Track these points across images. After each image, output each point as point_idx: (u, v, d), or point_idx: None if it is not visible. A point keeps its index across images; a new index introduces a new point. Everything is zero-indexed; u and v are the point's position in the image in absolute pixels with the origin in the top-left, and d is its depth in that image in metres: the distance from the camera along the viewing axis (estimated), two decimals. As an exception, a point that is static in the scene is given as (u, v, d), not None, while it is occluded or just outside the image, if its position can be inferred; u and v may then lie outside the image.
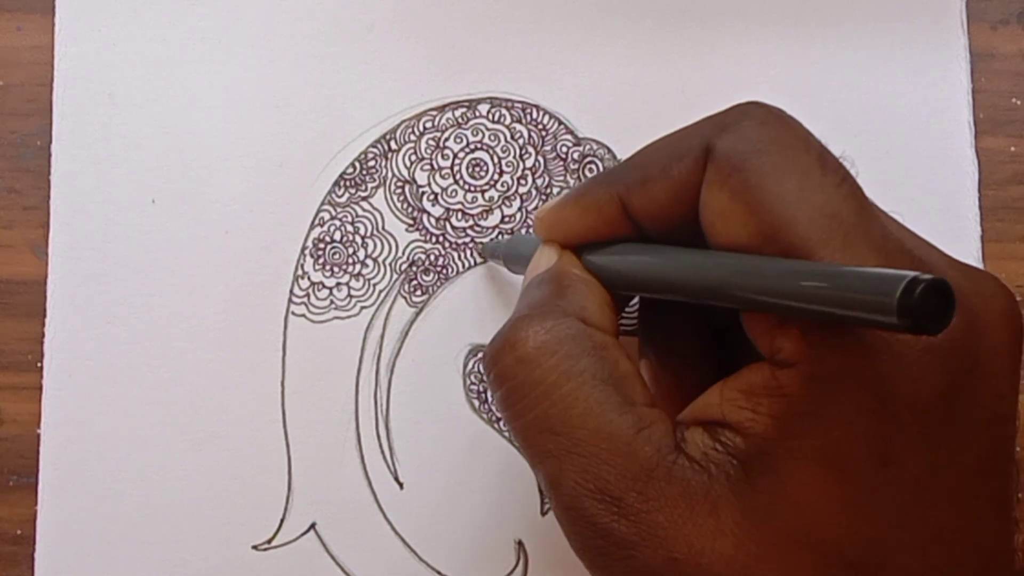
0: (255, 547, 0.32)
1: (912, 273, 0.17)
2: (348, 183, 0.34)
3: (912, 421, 0.20)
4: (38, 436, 0.32)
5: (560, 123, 0.34)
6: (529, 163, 0.34)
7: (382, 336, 0.33)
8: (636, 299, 0.28)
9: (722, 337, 0.27)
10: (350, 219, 0.34)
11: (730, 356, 0.27)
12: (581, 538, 0.22)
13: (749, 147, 0.22)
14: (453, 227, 0.34)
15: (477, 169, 0.34)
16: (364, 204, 0.34)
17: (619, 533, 0.21)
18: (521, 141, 0.34)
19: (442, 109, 0.34)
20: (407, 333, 0.33)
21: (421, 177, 0.34)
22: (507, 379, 0.23)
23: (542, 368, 0.23)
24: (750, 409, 0.21)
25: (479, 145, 0.34)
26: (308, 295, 0.33)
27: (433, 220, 0.34)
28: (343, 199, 0.34)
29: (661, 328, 0.27)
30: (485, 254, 0.34)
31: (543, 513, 0.33)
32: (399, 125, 0.34)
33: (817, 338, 0.20)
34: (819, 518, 0.20)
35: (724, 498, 0.21)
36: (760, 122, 0.22)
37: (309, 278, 0.33)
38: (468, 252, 0.34)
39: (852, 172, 0.22)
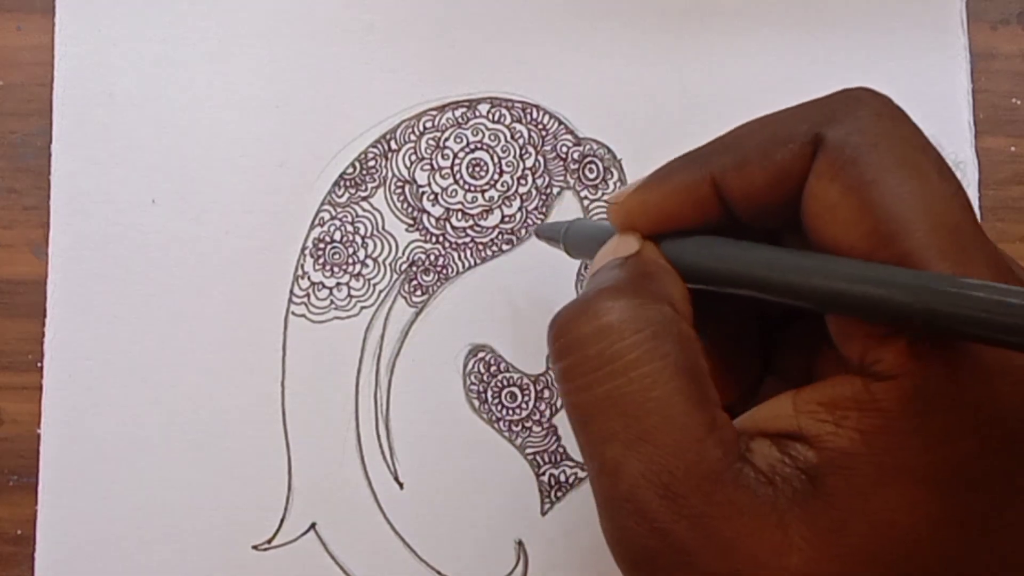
0: (255, 547, 0.32)
1: None
2: (348, 183, 0.34)
3: (1007, 447, 0.19)
4: (38, 436, 0.32)
5: (560, 123, 0.34)
6: (529, 163, 0.34)
7: (382, 336, 0.33)
8: None
9: (769, 334, 0.26)
10: (350, 219, 0.34)
11: (772, 352, 0.26)
12: (631, 536, 0.21)
13: (865, 140, 0.20)
14: (453, 227, 0.34)
15: (477, 169, 0.34)
16: (364, 204, 0.34)
17: (677, 535, 0.20)
18: (521, 141, 0.34)
19: (442, 109, 0.34)
20: (407, 333, 0.33)
21: (421, 177, 0.34)
22: (580, 348, 0.21)
23: (625, 342, 0.21)
24: (832, 423, 0.20)
25: (479, 145, 0.34)
26: (308, 295, 0.33)
27: (433, 220, 0.34)
28: (343, 199, 0.34)
29: (713, 317, 0.25)
30: (542, 234, 0.32)
31: (543, 513, 0.33)
32: (399, 125, 0.34)
33: (924, 352, 0.19)
34: (901, 537, 0.19)
35: (791, 513, 0.20)
36: (876, 113, 0.21)
37: (309, 278, 0.33)
38: (468, 252, 0.34)
39: (964, 182, 0.21)
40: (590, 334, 0.21)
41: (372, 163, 0.34)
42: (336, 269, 0.33)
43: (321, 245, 0.34)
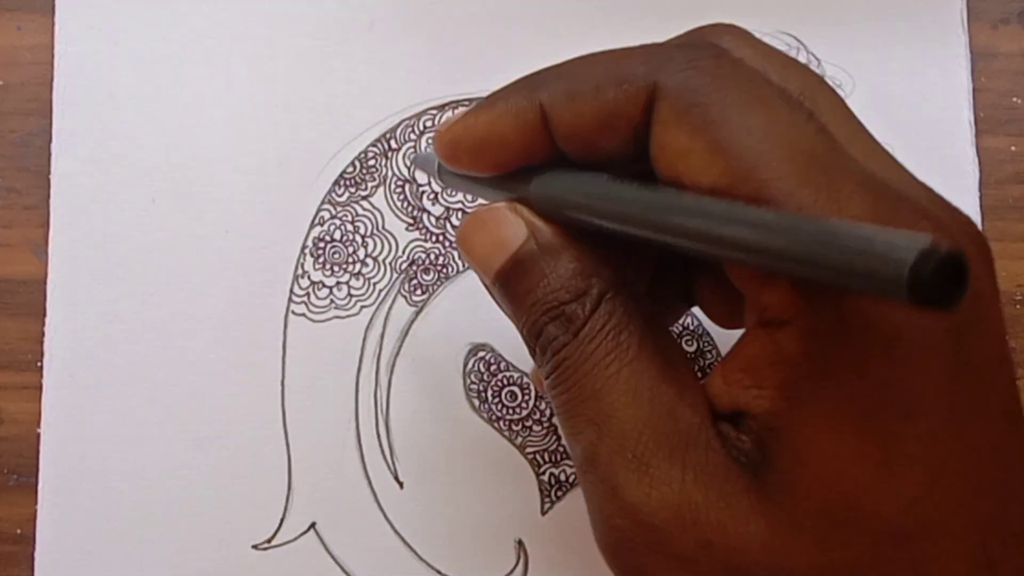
0: (255, 547, 0.32)
1: (923, 240, 0.15)
2: (348, 182, 0.34)
3: (925, 363, 0.18)
4: (38, 436, 0.32)
5: (560, 123, 0.34)
6: (529, 163, 0.34)
7: (382, 335, 0.33)
8: None
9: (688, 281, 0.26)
10: (350, 218, 0.34)
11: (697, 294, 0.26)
12: (607, 520, 0.20)
13: (705, 80, 0.20)
14: (453, 226, 0.34)
15: (477, 169, 0.34)
16: (364, 203, 0.34)
17: (648, 509, 0.19)
18: (521, 141, 0.34)
19: (442, 108, 0.34)
20: (407, 332, 0.33)
21: (421, 176, 0.34)
22: (563, 360, 0.22)
23: (596, 344, 0.21)
24: (755, 387, 0.19)
25: (479, 145, 0.34)
26: (308, 294, 0.33)
27: (433, 219, 0.34)
28: (343, 198, 0.34)
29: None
30: (417, 163, 0.31)
31: (543, 513, 0.33)
32: (399, 124, 0.34)
33: (810, 287, 0.18)
34: (853, 488, 0.18)
35: (753, 482, 0.19)
36: (714, 55, 0.20)
37: (309, 277, 0.33)
38: (468, 252, 0.34)
39: (838, 87, 0.20)
40: (571, 351, 0.21)
41: (372, 162, 0.34)
42: (336, 268, 0.33)
43: (321, 244, 0.34)
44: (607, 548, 0.21)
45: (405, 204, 0.34)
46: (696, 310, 0.27)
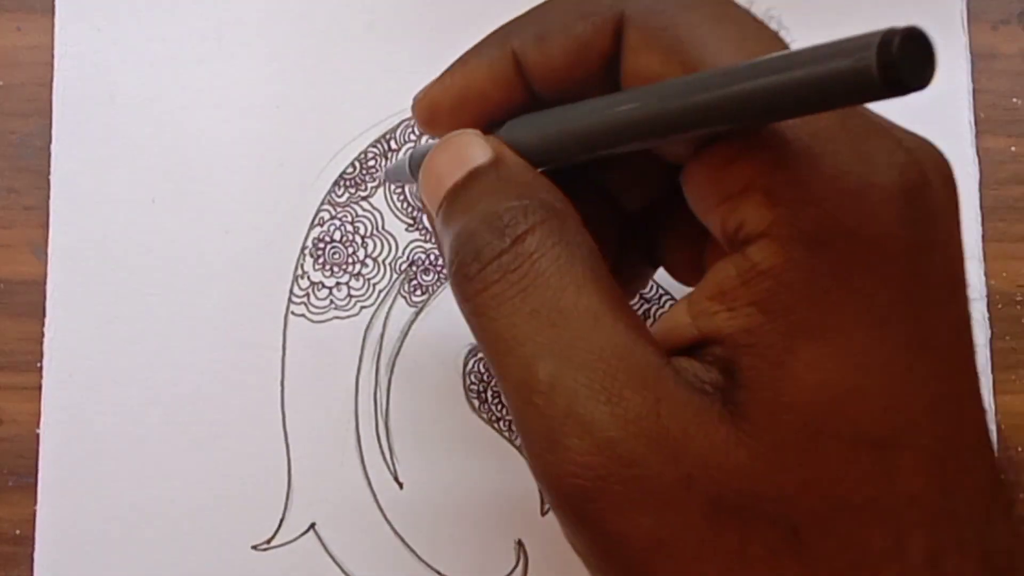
0: (255, 547, 0.32)
1: (880, 32, 0.15)
2: (348, 183, 0.34)
3: (894, 272, 0.18)
4: (38, 436, 0.32)
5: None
6: (529, 163, 0.34)
7: (382, 336, 0.33)
8: None
9: (654, 233, 0.25)
10: (350, 219, 0.34)
11: (662, 251, 0.25)
12: (575, 456, 0.18)
13: (670, 4, 0.20)
14: (453, 227, 0.34)
15: (477, 169, 0.34)
16: (364, 204, 0.34)
17: (626, 444, 0.18)
18: (521, 141, 0.34)
19: (442, 109, 0.34)
20: (407, 333, 0.33)
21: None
22: (505, 273, 0.20)
23: (546, 259, 0.19)
24: (726, 310, 0.19)
25: (479, 145, 0.34)
26: (308, 295, 0.33)
27: (433, 220, 0.34)
28: (343, 199, 0.34)
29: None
30: (390, 178, 0.31)
31: (543, 513, 0.33)
32: (399, 125, 0.34)
33: (786, 197, 0.18)
34: (833, 398, 0.18)
35: (725, 414, 0.18)
36: None
37: (309, 278, 0.33)
38: (468, 252, 0.34)
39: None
40: (511, 260, 0.20)
41: (372, 163, 0.34)
42: (336, 269, 0.33)
43: (321, 245, 0.34)
44: (572, 494, 0.19)
45: (405, 204, 0.34)
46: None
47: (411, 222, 0.34)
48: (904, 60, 0.15)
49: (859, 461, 0.18)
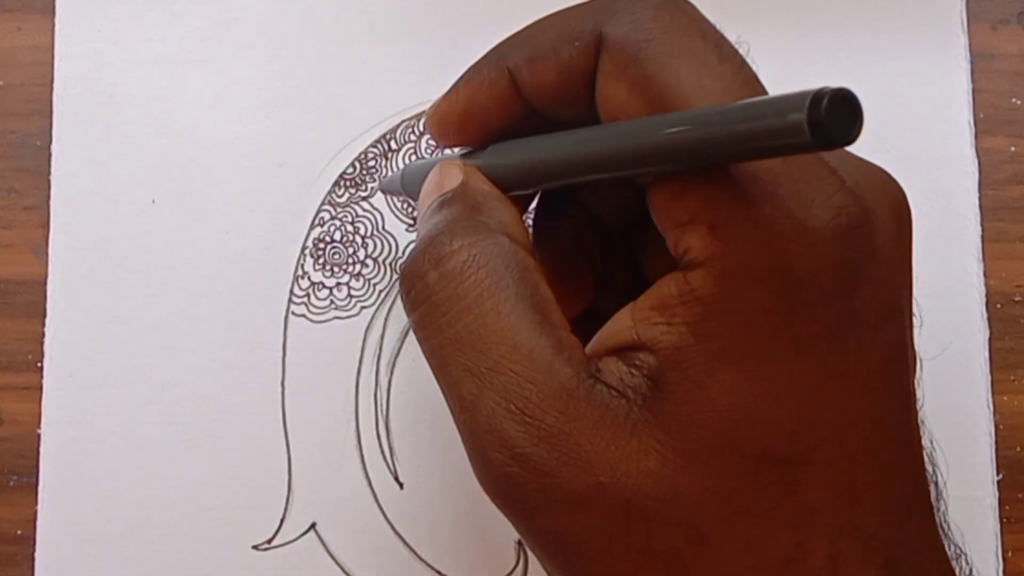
0: (255, 547, 0.32)
1: (813, 90, 0.16)
2: (348, 183, 0.34)
3: (820, 309, 0.20)
4: (38, 436, 0.32)
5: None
6: (529, 163, 0.34)
7: (382, 336, 0.33)
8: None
9: (633, 256, 0.27)
10: (350, 219, 0.34)
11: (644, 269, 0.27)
12: (496, 468, 0.21)
13: (643, 35, 0.21)
14: (453, 227, 0.34)
15: (477, 169, 0.34)
16: (364, 204, 0.34)
17: (539, 458, 0.20)
18: (521, 141, 0.34)
19: (442, 109, 0.34)
20: (407, 333, 0.33)
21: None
22: (430, 295, 0.22)
23: (467, 283, 0.22)
24: (664, 323, 0.20)
25: (479, 145, 0.34)
26: (308, 295, 0.33)
27: (433, 220, 0.34)
28: (343, 199, 0.34)
29: (545, 235, 0.27)
30: (384, 189, 0.32)
31: (543, 513, 0.33)
32: (399, 125, 0.34)
33: (727, 233, 0.20)
34: (744, 419, 0.20)
35: (644, 420, 0.20)
36: (654, 7, 0.21)
37: (309, 278, 0.33)
38: (468, 252, 0.34)
39: (749, 59, 0.22)
40: (435, 281, 0.22)
41: (372, 163, 0.34)
42: (336, 269, 0.33)
43: (321, 245, 0.34)
44: (497, 493, 0.22)
45: (405, 205, 0.34)
46: None
47: (411, 222, 0.34)
48: (832, 118, 0.16)
49: (762, 475, 0.20)
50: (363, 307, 0.33)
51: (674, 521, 0.20)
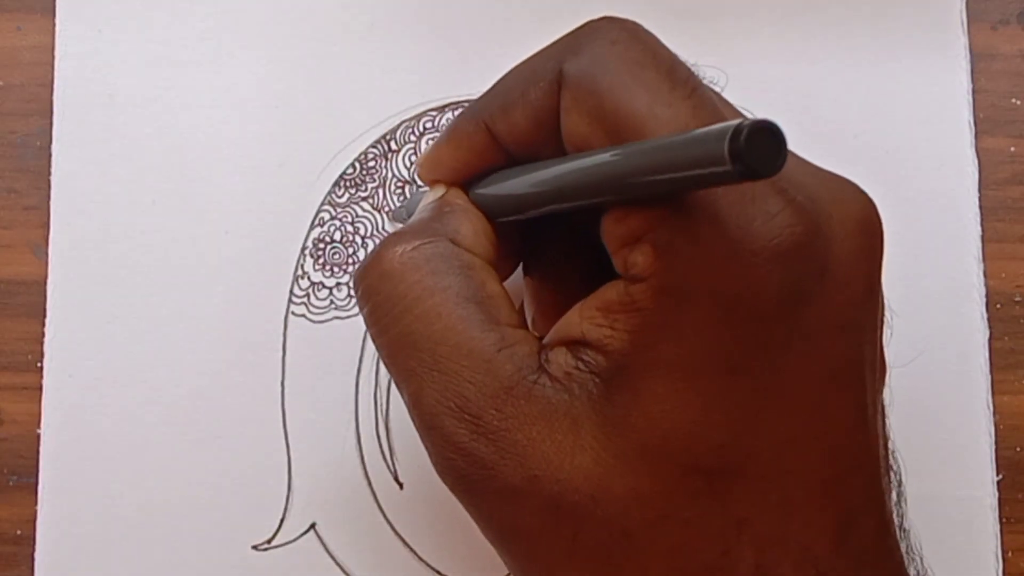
0: (255, 547, 0.32)
1: (736, 120, 0.17)
2: (348, 183, 0.34)
3: (756, 328, 0.20)
4: (38, 436, 0.32)
5: (560, 123, 0.34)
6: (529, 163, 0.34)
7: (382, 336, 0.33)
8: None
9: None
10: (350, 219, 0.34)
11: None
12: (442, 459, 0.22)
13: (599, 69, 0.22)
14: (453, 227, 0.34)
15: (477, 169, 0.34)
16: (364, 204, 0.34)
17: (478, 452, 0.22)
18: (521, 141, 0.34)
19: (442, 109, 0.34)
20: (407, 333, 0.33)
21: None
22: (372, 295, 0.23)
23: (405, 283, 0.23)
24: (608, 326, 0.21)
25: (479, 145, 0.34)
26: (308, 295, 0.33)
27: (433, 220, 0.34)
28: (343, 199, 0.34)
29: (541, 249, 0.28)
30: (396, 218, 0.33)
31: (543, 513, 0.33)
32: (399, 125, 0.34)
33: (668, 252, 0.20)
34: (673, 428, 0.20)
35: (585, 415, 0.21)
36: (610, 41, 0.22)
37: (309, 278, 0.33)
38: (468, 252, 0.34)
39: (713, 84, 0.22)
40: (376, 281, 0.23)
41: (372, 163, 0.34)
42: (336, 269, 0.33)
43: (321, 245, 0.34)
44: (447, 482, 0.23)
45: (405, 205, 0.34)
46: None
47: (411, 222, 0.34)
48: (752, 150, 0.16)
49: (690, 484, 0.21)
50: (363, 307, 0.33)
51: (602, 518, 0.21)
